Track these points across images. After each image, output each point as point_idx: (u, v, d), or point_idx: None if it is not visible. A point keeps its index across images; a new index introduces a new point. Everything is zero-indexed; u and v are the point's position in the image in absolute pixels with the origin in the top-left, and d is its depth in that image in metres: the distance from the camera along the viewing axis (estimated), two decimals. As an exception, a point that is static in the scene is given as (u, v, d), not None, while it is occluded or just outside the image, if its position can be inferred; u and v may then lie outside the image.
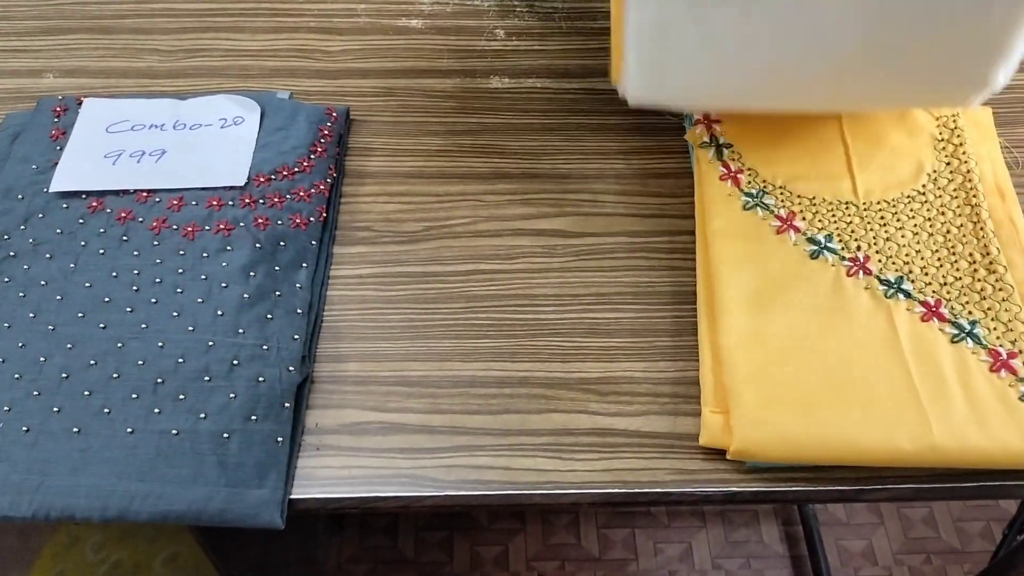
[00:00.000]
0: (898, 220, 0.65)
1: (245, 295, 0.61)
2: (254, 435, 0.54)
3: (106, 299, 0.61)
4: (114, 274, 0.62)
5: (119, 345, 0.58)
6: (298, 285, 0.61)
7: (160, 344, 0.59)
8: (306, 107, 0.73)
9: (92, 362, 0.58)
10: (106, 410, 0.55)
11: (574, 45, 0.82)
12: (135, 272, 0.62)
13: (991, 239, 0.63)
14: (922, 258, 0.63)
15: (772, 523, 1.37)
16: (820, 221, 0.64)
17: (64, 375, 0.57)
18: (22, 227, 0.65)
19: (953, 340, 0.58)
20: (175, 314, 0.60)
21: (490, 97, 0.78)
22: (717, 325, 0.58)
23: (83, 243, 0.64)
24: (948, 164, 0.69)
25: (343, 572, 1.28)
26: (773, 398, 0.54)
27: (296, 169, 0.68)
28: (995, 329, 0.59)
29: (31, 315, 0.60)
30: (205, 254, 0.63)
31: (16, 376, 0.57)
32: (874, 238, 0.63)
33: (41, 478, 0.52)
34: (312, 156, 0.69)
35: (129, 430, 0.54)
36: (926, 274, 0.61)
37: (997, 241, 0.63)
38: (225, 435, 0.54)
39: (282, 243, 0.63)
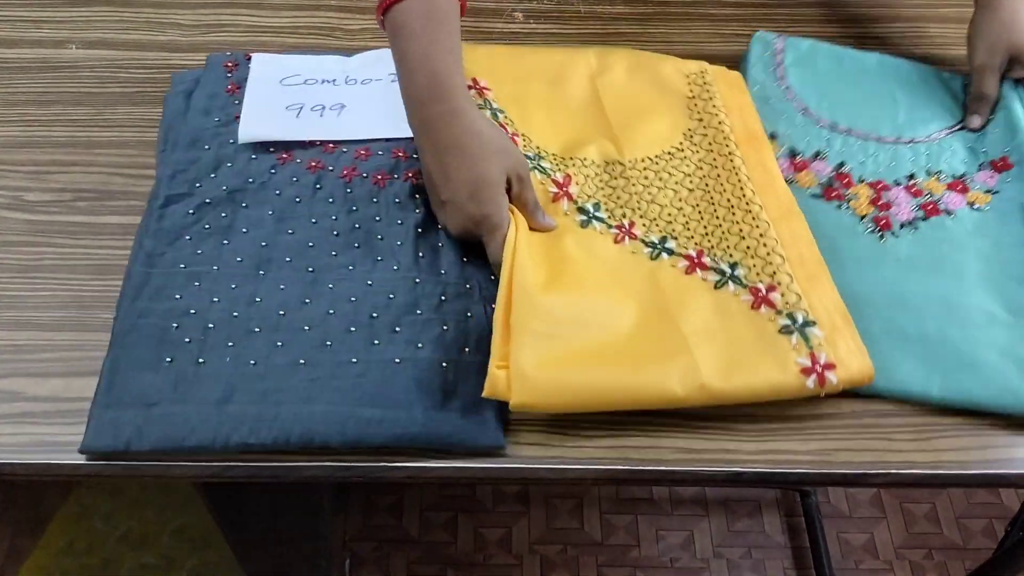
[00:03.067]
0: (660, 179, 0.67)
1: (439, 243, 0.63)
2: (470, 366, 0.56)
3: (310, 244, 0.64)
4: (313, 220, 0.64)
5: (330, 286, 0.60)
6: None
7: (369, 283, 0.61)
8: None
9: (306, 300, 0.59)
10: (328, 343, 0.57)
11: (591, 29, 0.85)
12: (333, 218, 0.64)
13: (746, 183, 0.66)
14: (684, 214, 0.65)
15: (774, 514, 1.37)
16: (591, 186, 0.66)
17: (281, 312, 0.59)
18: (212, 175, 0.67)
19: (716, 286, 0.60)
20: (379, 258, 0.62)
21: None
22: (515, 273, 0.57)
23: (277, 192, 0.67)
24: (701, 120, 0.72)
25: (348, 549, 1.29)
26: (552, 354, 0.54)
27: None
28: (754, 266, 0.61)
29: (238, 259, 0.63)
30: (397, 199, 0.66)
31: (234, 314, 0.59)
32: (638, 202, 0.65)
33: (276, 408, 0.54)
34: None
35: (353, 360, 0.56)
36: (688, 228, 0.64)
37: (752, 184, 0.67)
38: (444, 364, 0.56)
39: None
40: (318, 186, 0.66)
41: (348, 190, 0.66)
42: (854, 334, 0.58)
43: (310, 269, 0.62)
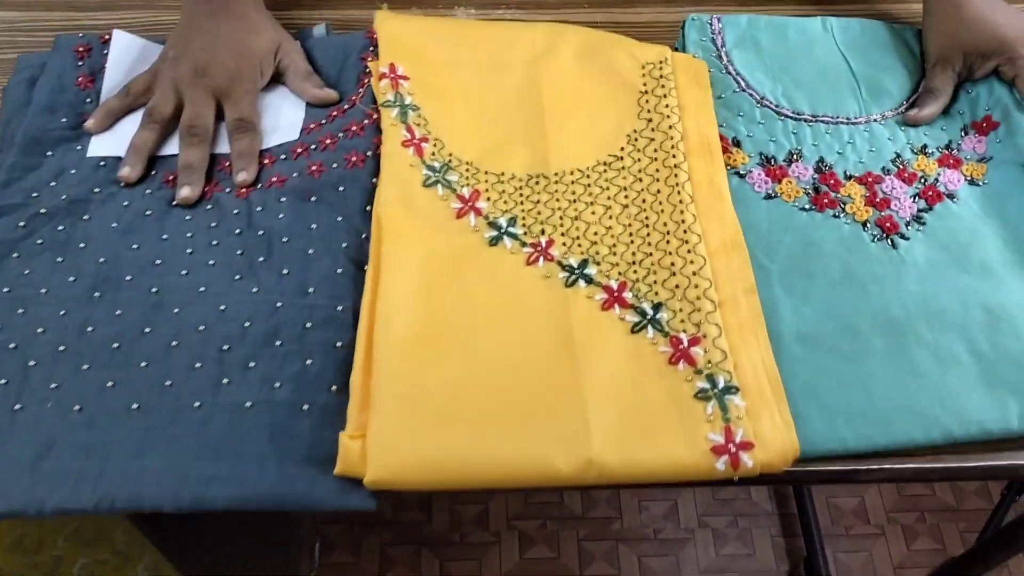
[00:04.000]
0: (590, 193, 0.57)
1: (310, 250, 0.55)
2: (337, 408, 0.48)
3: (157, 261, 0.55)
4: (164, 236, 0.56)
5: (175, 311, 0.52)
6: (364, 236, 0.56)
7: (222, 308, 0.53)
8: (347, 40, 0.67)
9: (146, 329, 0.51)
10: (167, 383, 0.49)
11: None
12: (188, 235, 0.56)
13: (687, 206, 0.56)
14: (612, 235, 0.56)
15: (761, 480, 1.34)
16: (506, 202, 0.57)
17: (115, 344, 0.51)
18: (52, 184, 0.58)
19: (633, 329, 0.52)
20: (236, 276, 0.54)
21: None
22: (377, 318, 0.50)
23: (126, 203, 0.58)
24: (650, 121, 0.61)
25: (319, 532, 1.25)
26: (422, 413, 0.47)
27: (346, 106, 0.62)
28: (680, 311, 0.52)
29: (71, 279, 0.54)
30: (260, 208, 0.57)
31: (60, 348, 0.51)
32: (561, 218, 0.56)
33: (102, 463, 0.46)
34: (360, 89, 0.63)
35: (196, 404, 0.49)
36: (614, 253, 0.55)
37: (695, 207, 0.57)
38: (304, 407, 0.49)
39: (341, 188, 0.57)
40: (173, 203, 0.58)
41: (208, 206, 0.58)
42: (782, 403, 0.50)
43: (154, 290, 0.54)
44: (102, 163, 0.60)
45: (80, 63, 0.65)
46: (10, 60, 0.65)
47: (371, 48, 0.65)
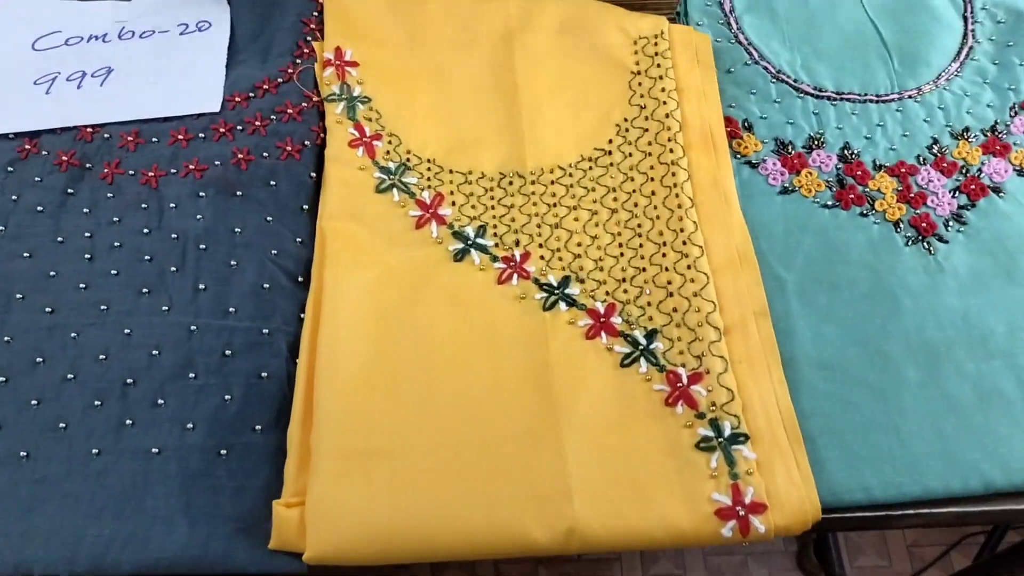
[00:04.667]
0: (573, 196, 0.50)
1: (232, 262, 0.47)
2: (259, 449, 0.43)
3: (51, 273, 0.48)
4: (59, 239, 0.49)
5: (73, 336, 0.46)
6: (299, 240, 0.49)
7: (127, 332, 0.46)
8: None
9: (39, 359, 0.45)
10: (61, 424, 0.43)
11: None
12: (87, 235, 0.49)
13: (687, 210, 0.48)
14: (598, 247, 0.48)
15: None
16: (474, 206, 0.49)
17: (2, 379, 0.44)
18: None
19: (623, 362, 0.44)
20: (144, 291, 0.47)
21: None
22: (319, 357, 0.43)
23: (14, 198, 0.50)
24: (643, 108, 0.53)
25: None
26: (372, 474, 0.40)
27: (280, 79, 0.54)
28: (679, 340, 0.45)
29: (-54, 298, 0.47)
30: (173, 205, 0.50)
31: None
32: (539, 226, 0.49)
33: None
34: (299, 60, 0.55)
35: (95, 450, 0.43)
36: (601, 269, 0.47)
37: (695, 212, 0.48)
38: (222, 451, 0.42)
39: (272, 182, 0.50)
40: (70, 191, 0.51)
41: (109, 195, 0.50)
42: (800, 452, 0.42)
43: (48, 310, 0.47)
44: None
45: None
46: None
47: (315, 13, 0.57)
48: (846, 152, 0.54)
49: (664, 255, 0.47)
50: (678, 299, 0.46)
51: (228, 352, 0.45)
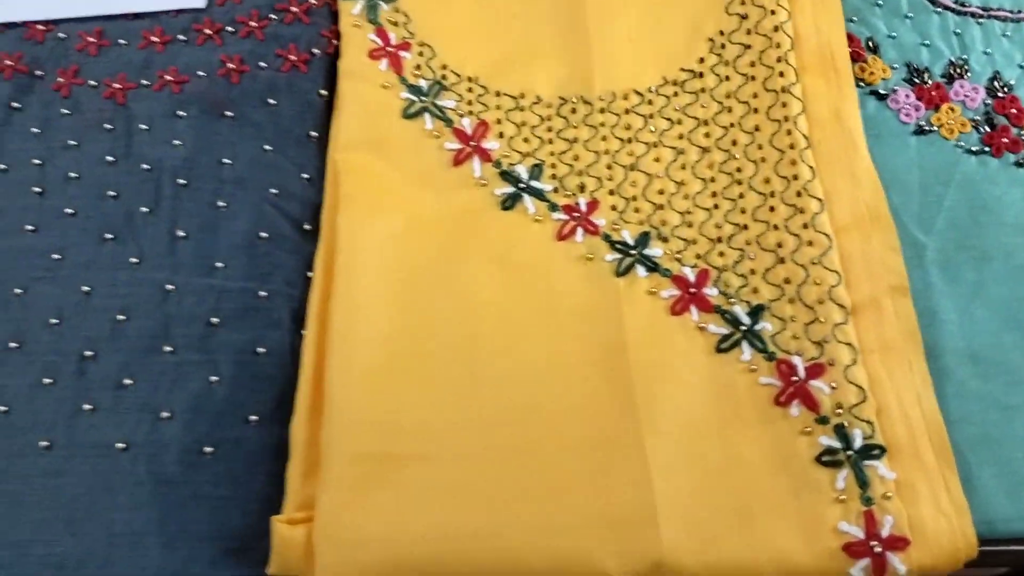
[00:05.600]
0: (653, 128, 0.44)
1: (220, 203, 0.41)
2: (253, 448, 0.37)
3: None
4: (2, 167, 0.43)
5: (16, 292, 0.40)
6: (305, 176, 0.42)
7: (85, 290, 0.40)
8: None
9: None
10: (2, 408, 0.38)
11: None
12: (35, 163, 0.43)
13: (801, 151, 0.41)
14: (686, 196, 0.41)
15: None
16: (527, 140, 0.44)
17: None
18: None
19: (720, 346, 0.38)
20: (107, 236, 0.41)
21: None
22: (332, 331, 0.38)
23: None
24: (744, 19, 0.45)
25: None
26: (399, 485, 0.35)
27: None
28: (793, 320, 0.37)
29: None
30: (145, 127, 0.43)
31: None
32: (610, 167, 0.43)
33: None
34: None
35: (44, 443, 0.37)
36: (689, 224, 0.41)
37: (812, 154, 0.41)
38: (206, 449, 0.37)
39: (271, 100, 0.44)
40: (15, 104, 0.45)
41: (64, 110, 0.45)
42: (950, 472, 0.36)
43: None
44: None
45: None
46: None
47: None
48: (995, 84, 0.47)
49: (772, 209, 0.40)
50: (791, 267, 0.38)
51: (214, 320, 0.39)
